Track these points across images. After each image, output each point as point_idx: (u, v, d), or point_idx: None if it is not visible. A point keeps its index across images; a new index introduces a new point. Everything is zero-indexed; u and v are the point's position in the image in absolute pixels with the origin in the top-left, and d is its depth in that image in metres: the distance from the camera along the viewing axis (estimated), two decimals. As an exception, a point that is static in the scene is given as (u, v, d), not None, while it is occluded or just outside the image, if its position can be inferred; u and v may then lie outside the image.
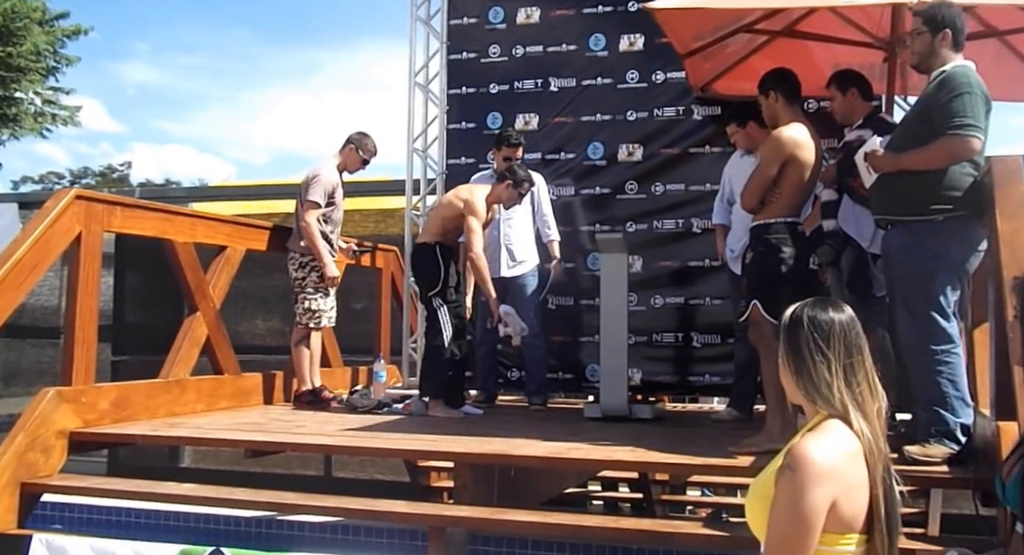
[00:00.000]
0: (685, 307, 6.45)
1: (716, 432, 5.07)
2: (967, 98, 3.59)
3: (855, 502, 1.97)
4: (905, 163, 3.79)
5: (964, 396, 3.69)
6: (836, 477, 1.95)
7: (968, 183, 3.67)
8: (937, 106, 3.70)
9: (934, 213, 3.66)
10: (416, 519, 3.98)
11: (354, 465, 8.74)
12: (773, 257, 4.38)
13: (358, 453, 5.61)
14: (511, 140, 6.20)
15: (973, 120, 3.57)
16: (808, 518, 1.94)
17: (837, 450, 2.00)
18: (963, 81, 3.64)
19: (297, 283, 6.06)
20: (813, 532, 1.94)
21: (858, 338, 2.07)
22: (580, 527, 3.74)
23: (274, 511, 4.22)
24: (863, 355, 2.06)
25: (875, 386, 2.06)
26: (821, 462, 1.95)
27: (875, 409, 2.05)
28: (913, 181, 3.73)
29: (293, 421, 5.33)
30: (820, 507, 1.93)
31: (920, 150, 3.72)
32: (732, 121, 5.66)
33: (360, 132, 6.32)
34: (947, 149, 3.63)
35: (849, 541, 1.98)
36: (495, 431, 4.89)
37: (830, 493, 1.94)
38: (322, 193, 6.03)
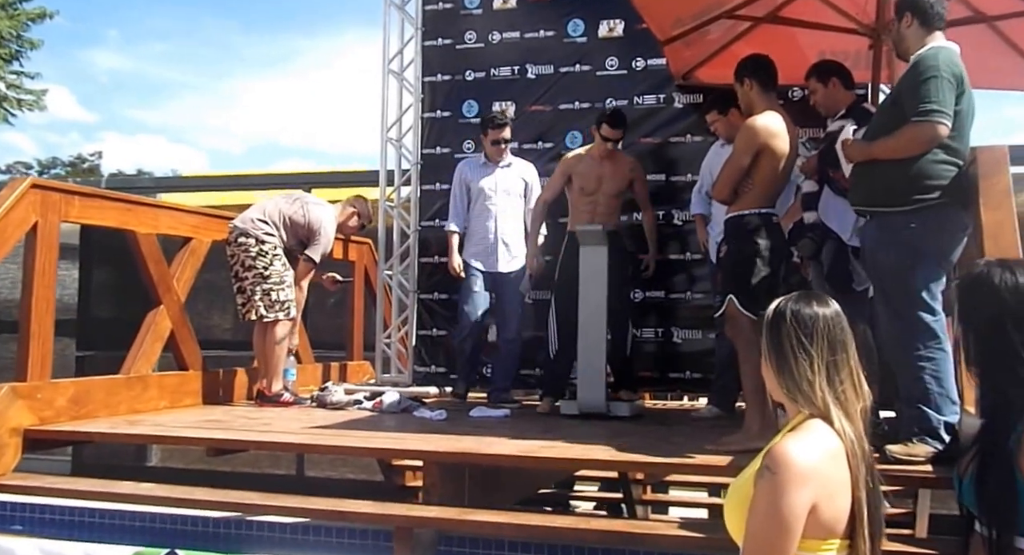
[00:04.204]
0: (666, 301, 6.42)
1: (695, 430, 5.05)
2: (933, 83, 3.52)
3: (837, 505, 1.96)
4: (875, 152, 3.75)
5: (949, 393, 3.65)
6: (817, 479, 1.94)
7: (944, 171, 3.61)
8: (905, 92, 3.67)
9: (910, 203, 3.61)
10: (382, 519, 3.94)
11: (325, 464, 8.70)
12: (748, 250, 4.36)
13: (324, 451, 5.56)
14: (497, 121, 6.18)
15: (938, 105, 3.50)
16: (787, 521, 1.92)
17: (818, 451, 1.98)
18: (930, 65, 3.57)
19: (256, 273, 5.86)
20: (792, 536, 1.92)
21: (843, 334, 2.05)
22: (551, 528, 3.72)
23: (235, 511, 4.18)
24: (848, 353, 2.04)
25: (860, 385, 2.04)
26: (801, 464, 1.93)
27: (859, 408, 2.02)
28: (887, 171, 3.69)
29: (259, 419, 5.29)
30: (800, 510, 1.92)
31: (888, 138, 3.69)
32: (713, 109, 5.65)
33: (361, 197, 6.49)
34: (912, 136, 3.58)
35: (831, 546, 1.96)
36: (467, 429, 4.86)
37: (810, 496, 1.92)
38: (322, 253, 6.06)
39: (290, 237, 6.00)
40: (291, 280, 5.96)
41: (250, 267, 5.86)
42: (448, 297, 6.91)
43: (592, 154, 5.99)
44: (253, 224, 5.90)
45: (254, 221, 5.91)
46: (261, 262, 5.86)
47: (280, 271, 5.89)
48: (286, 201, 6.11)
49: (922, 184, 3.61)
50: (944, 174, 3.62)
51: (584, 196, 5.94)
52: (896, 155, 3.65)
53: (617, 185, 5.93)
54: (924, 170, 3.61)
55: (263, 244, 5.87)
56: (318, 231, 6.00)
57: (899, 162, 3.65)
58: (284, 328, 5.92)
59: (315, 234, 6.00)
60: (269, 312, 5.85)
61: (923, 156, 3.60)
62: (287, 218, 5.98)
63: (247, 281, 5.87)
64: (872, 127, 3.94)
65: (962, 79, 3.61)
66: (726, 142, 5.68)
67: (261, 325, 5.94)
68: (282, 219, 5.97)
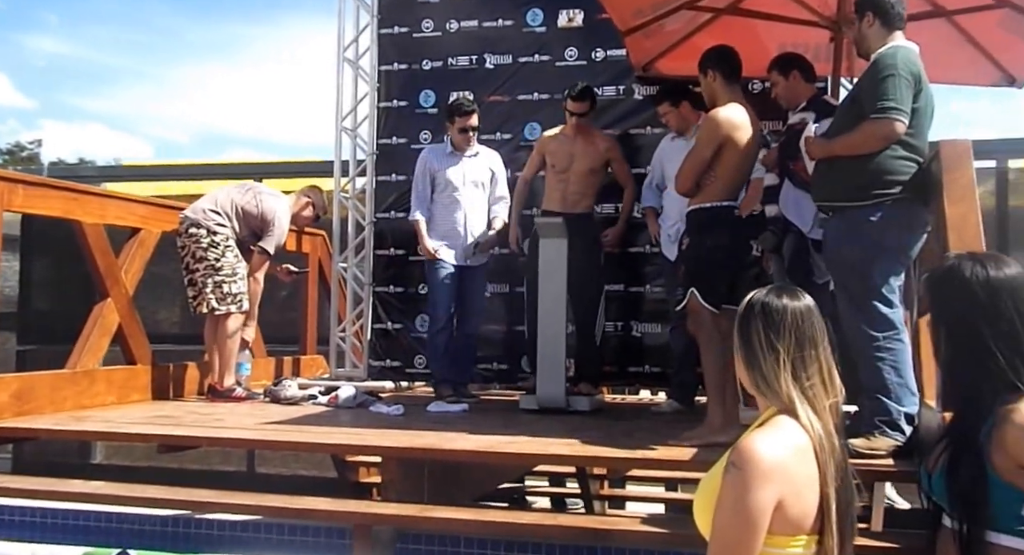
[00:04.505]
0: (625, 295, 6.43)
1: (656, 424, 5.06)
2: (890, 80, 3.59)
3: (804, 501, 1.96)
4: (835, 149, 3.80)
5: (908, 384, 3.70)
6: (783, 475, 1.94)
7: (904, 167, 3.67)
8: (864, 90, 3.73)
9: (871, 198, 3.66)
10: (341, 517, 3.90)
11: (277, 461, 8.61)
12: (710, 243, 4.37)
13: (280, 448, 5.50)
14: (464, 108, 6.03)
15: (895, 103, 3.57)
16: (753, 517, 1.92)
17: (785, 447, 1.97)
18: (889, 63, 3.64)
19: (207, 265, 5.76)
20: (758, 532, 1.92)
21: (812, 329, 2.05)
22: (514, 524, 3.70)
23: (187, 509, 4.11)
24: (817, 348, 2.03)
25: (831, 380, 2.04)
26: (767, 460, 1.93)
27: (829, 404, 2.02)
28: (847, 167, 3.74)
29: (211, 414, 5.20)
30: (765, 506, 1.92)
31: (847, 135, 3.74)
32: (665, 101, 5.66)
33: (316, 188, 6.43)
34: (870, 133, 3.64)
35: (798, 543, 1.96)
36: (426, 424, 4.82)
37: (776, 492, 1.92)
38: (276, 245, 5.98)
39: (243, 228, 5.91)
40: (244, 272, 5.87)
41: (201, 259, 5.77)
42: (404, 290, 6.85)
43: (565, 132, 5.99)
44: (204, 215, 5.80)
45: (205, 211, 5.81)
46: (213, 253, 5.76)
47: (232, 263, 5.80)
48: (239, 191, 6.01)
49: (883, 179, 3.66)
50: (904, 170, 3.67)
51: (556, 174, 5.93)
52: (855, 151, 3.70)
53: (589, 163, 5.91)
54: (884, 166, 3.66)
55: (215, 235, 5.77)
56: (272, 222, 5.91)
57: (859, 158, 3.70)
58: (236, 321, 5.83)
59: (269, 225, 5.92)
60: (221, 305, 5.76)
61: (883, 152, 3.66)
62: (240, 208, 5.89)
63: (198, 273, 5.77)
64: (833, 125, 3.99)
65: (920, 77, 3.67)
66: (676, 135, 5.70)
67: (213, 318, 5.85)
68: (235, 209, 5.88)
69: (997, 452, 2.03)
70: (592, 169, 5.92)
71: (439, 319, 6.03)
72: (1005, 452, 2.02)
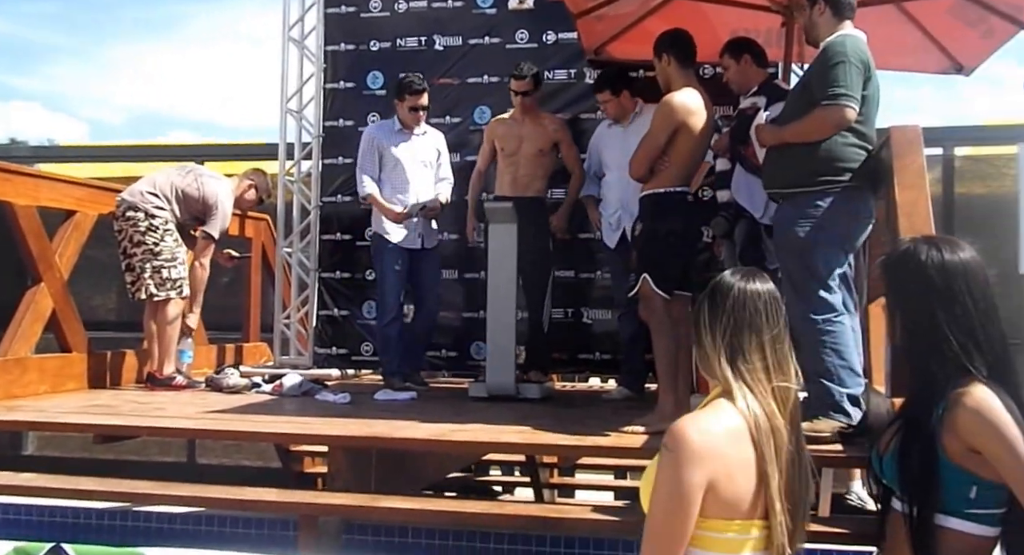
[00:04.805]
0: (575, 281, 6.43)
1: (607, 412, 5.07)
2: (841, 68, 3.62)
3: (738, 484, 1.96)
4: (786, 136, 3.83)
5: (851, 365, 3.71)
6: (713, 457, 1.95)
7: (854, 154, 3.70)
8: (814, 78, 3.76)
9: (819, 185, 3.69)
10: (286, 508, 3.85)
11: (219, 451, 8.51)
12: (663, 229, 4.38)
13: (222, 437, 5.42)
14: (415, 87, 5.90)
15: (846, 89, 3.60)
16: (682, 498, 1.94)
17: (716, 429, 1.99)
18: (839, 50, 3.67)
19: (146, 250, 5.64)
20: (686, 513, 1.94)
21: (755, 312, 2.03)
22: (462, 513, 3.68)
23: (125, 502, 4.03)
24: (761, 332, 2.02)
25: (777, 365, 2.02)
26: (697, 441, 1.95)
27: (773, 388, 2.00)
28: (797, 154, 3.76)
29: (150, 403, 5.09)
30: (693, 488, 1.93)
31: (798, 122, 3.77)
32: (606, 89, 5.62)
33: (259, 171, 6.31)
34: (821, 119, 3.67)
35: (733, 527, 1.96)
36: (373, 412, 4.78)
37: (706, 474, 1.94)
38: (220, 229, 5.86)
39: (183, 211, 5.80)
40: (183, 257, 5.76)
41: (139, 243, 5.65)
42: (351, 276, 6.78)
43: (513, 116, 5.98)
44: (143, 197, 5.68)
45: (144, 194, 5.69)
46: (151, 238, 5.64)
47: (172, 247, 5.69)
48: (179, 173, 5.90)
49: (832, 166, 3.69)
50: (854, 157, 3.70)
51: (506, 158, 5.90)
52: (806, 138, 3.73)
53: (538, 144, 5.88)
54: (834, 153, 3.69)
55: (153, 219, 5.66)
56: (214, 205, 5.81)
57: (810, 145, 3.72)
58: (176, 307, 5.72)
59: (211, 209, 5.81)
60: (160, 290, 5.65)
61: (833, 139, 3.69)
62: (180, 191, 5.78)
63: (136, 258, 5.66)
64: (784, 112, 4.02)
65: (869, 65, 3.72)
66: (613, 122, 5.69)
67: (152, 304, 5.73)
68: (174, 192, 5.76)
69: (948, 435, 2.05)
70: (541, 150, 5.90)
71: (389, 308, 5.90)
72: (956, 435, 2.04)
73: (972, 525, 2.06)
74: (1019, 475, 1.95)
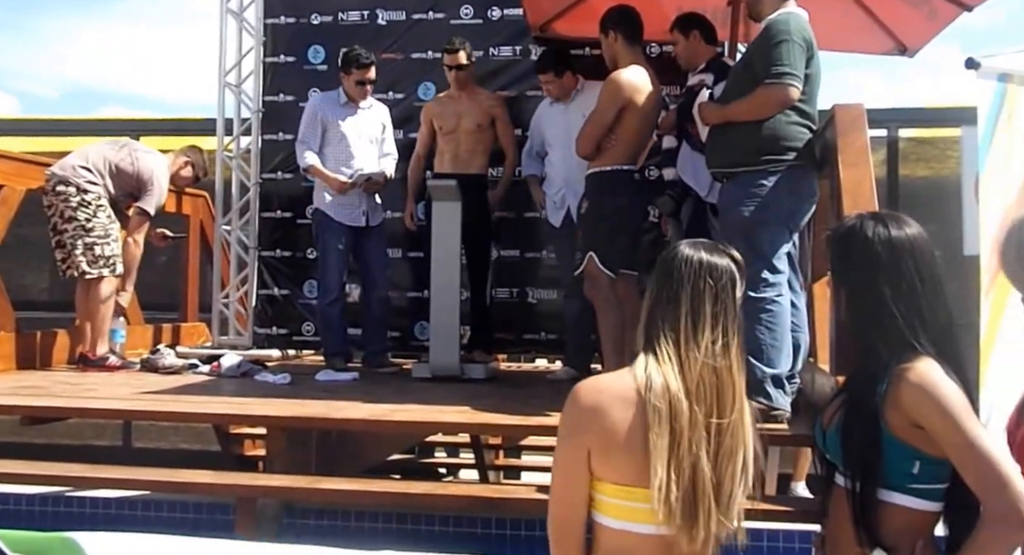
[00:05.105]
0: (520, 261, 6.41)
1: (552, 392, 5.04)
2: (784, 46, 3.62)
3: (621, 448, 1.96)
4: (729, 115, 3.83)
5: (782, 346, 3.69)
6: (597, 418, 1.97)
7: (798, 133, 3.71)
8: (757, 56, 3.76)
9: (763, 164, 3.69)
10: (223, 490, 3.80)
11: (156, 434, 8.36)
12: (609, 207, 4.37)
13: (157, 418, 5.33)
14: (362, 60, 5.81)
15: (789, 68, 3.61)
16: (568, 457, 2.00)
17: (608, 390, 2.02)
18: (781, 29, 3.67)
19: (77, 226, 5.50)
20: (575, 472, 1.98)
21: (679, 281, 2.03)
22: (406, 495, 3.65)
23: (57, 486, 3.94)
24: (679, 301, 2.00)
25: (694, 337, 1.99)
26: (583, 400, 2.00)
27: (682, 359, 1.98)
28: (740, 133, 3.77)
29: (82, 384, 4.99)
30: (579, 447, 1.98)
31: (741, 101, 3.77)
32: (549, 70, 5.56)
33: (195, 147, 6.21)
34: (765, 98, 3.68)
35: (631, 495, 1.96)
36: (314, 393, 4.72)
37: (590, 433, 1.97)
38: (156, 205, 5.73)
39: (116, 187, 5.67)
40: (117, 233, 5.63)
41: (71, 219, 5.50)
42: (292, 255, 6.69)
43: (449, 94, 5.93)
44: (74, 171, 5.53)
45: (75, 168, 5.55)
46: (83, 213, 5.51)
47: (105, 224, 5.56)
48: (112, 148, 5.76)
49: (776, 145, 3.70)
50: (798, 136, 3.72)
51: (445, 135, 5.84)
52: (749, 117, 3.74)
53: (476, 119, 5.82)
54: (778, 131, 3.70)
55: (85, 194, 5.52)
56: (149, 181, 5.68)
57: (753, 124, 3.73)
58: (109, 286, 5.60)
59: (146, 184, 5.68)
60: (92, 268, 5.51)
61: (776, 117, 3.70)
62: (113, 166, 5.65)
63: (67, 234, 5.51)
64: (726, 90, 4.02)
65: (811, 44, 3.73)
66: (554, 100, 5.66)
67: (84, 283, 5.59)
68: (107, 167, 5.63)
69: (891, 410, 2.06)
70: (479, 125, 5.84)
71: (331, 288, 5.82)
72: (899, 410, 2.05)
73: (915, 500, 2.07)
74: (961, 450, 1.97)
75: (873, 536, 2.06)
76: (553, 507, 2.08)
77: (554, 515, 2.08)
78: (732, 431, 1.98)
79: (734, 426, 1.98)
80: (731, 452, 1.97)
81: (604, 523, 2.02)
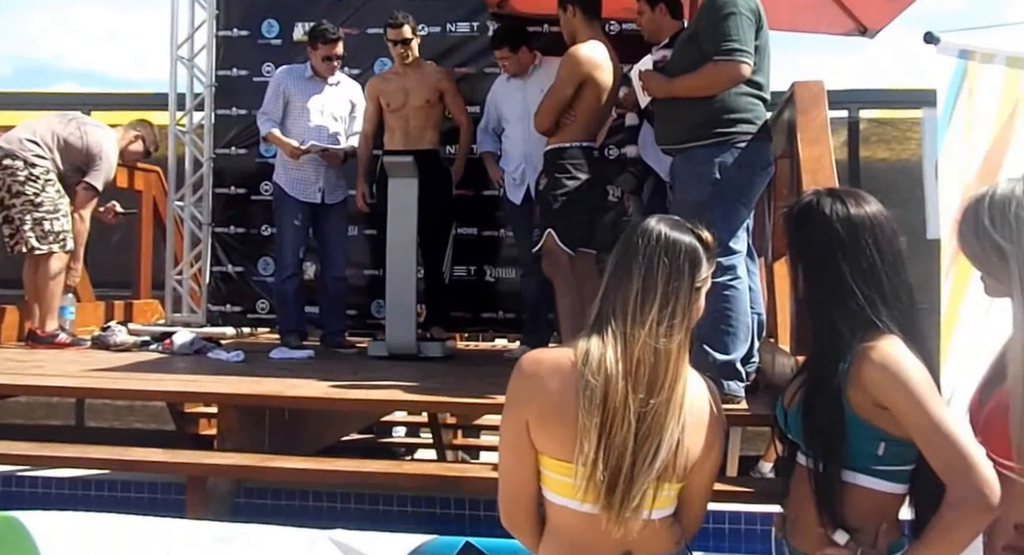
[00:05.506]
0: (478, 239, 6.34)
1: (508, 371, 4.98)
2: (732, 19, 3.50)
3: (552, 421, 1.93)
4: (676, 89, 3.71)
5: (736, 332, 3.59)
6: (533, 388, 1.96)
7: (749, 104, 3.61)
8: (704, 29, 3.62)
9: (712, 137, 3.58)
10: (173, 468, 3.73)
11: (109, 413, 8.22)
12: (568, 184, 4.32)
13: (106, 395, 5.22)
14: (328, 35, 5.68)
15: (739, 43, 3.49)
16: (507, 427, 2.00)
17: (546, 362, 2.01)
18: (728, 1, 3.53)
19: (26, 201, 5.38)
20: (515, 443, 1.98)
21: (632, 255, 1.97)
22: (361, 473, 3.59)
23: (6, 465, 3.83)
24: (631, 276, 1.95)
25: (641, 314, 1.93)
26: (524, 370, 2.00)
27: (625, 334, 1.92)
28: (689, 107, 3.65)
29: (29, 361, 4.87)
30: (516, 418, 1.97)
31: (689, 76, 3.64)
32: (505, 46, 5.47)
33: (145, 122, 6.08)
34: (715, 75, 3.56)
35: (570, 470, 1.91)
36: (268, 371, 4.63)
37: (527, 404, 1.95)
38: (104, 180, 5.58)
39: (64, 162, 5.52)
40: (67, 208, 5.50)
41: (18, 193, 5.37)
42: (246, 231, 6.57)
43: (394, 70, 5.79)
44: (21, 145, 5.39)
45: (22, 142, 5.40)
46: (31, 188, 5.37)
47: (54, 198, 5.43)
48: (60, 121, 5.61)
49: (726, 118, 3.58)
50: (748, 107, 3.62)
51: (393, 113, 5.68)
52: (697, 93, 3.62)
53: (424, 95, 5.67)
54: (728, 104, 3.59)
55: (33, 168, 5.38)
56: (98, 155, 5.54)
57: (703, 99, 3.61)
58: (59, 261, 5.47)
59: (94, 159, 5.54)
60: (42, 244, 5.39)
61: (726, 91, 3.59)
62: (62, 140, 5.50)
63: (15, 209, 5.38)
64: (672, 62, 3.88)
65: (759, 14, 3.60)
66: (511, 76, 5.58)
67: (32, 258, 5.46)
68: (56, 141, 5.48)
69: (854, 390, 2.02)
70: (428, 101, 5.70)
71: (287, 265, 5.74)
72: (863, 390, 2.01)
73: (879, 482, 2.03)
74: (924, 432, 1.93)
75: (836, 518, 2.02)
76: (501, 480, 2.06)
77: (502, 488, 2.05)
78: (655, 414, 1.92)
79: (657, 409, 1.92)
80: (647, 435, 1.91)
81: (548, 498, 2.00)
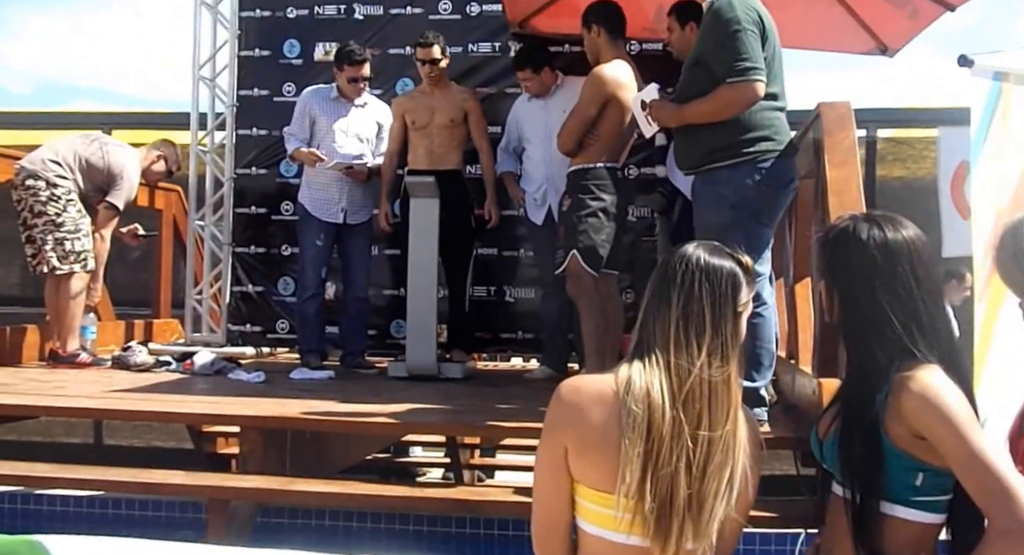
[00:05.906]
0: (498, 259, 6.31)
1: (530, 392, 4.95)
2: (739, 37, 3.37)
3: (593, 450, 1.88)
4: (688, 116, 3.59)
5: (762, 358, 3.52)
6: (574, 417, 1.91)
7: (766, 119, 3.48)
8: (710, 52, 3.50)
9: (737, 157, 3.47)
10: (194, 491, 3.68)
11: (128, 432, 8.19)
12: (592, 204, 4.29)
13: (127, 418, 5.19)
14: (355, 57, 5.64)
15: (751, 61, 3.37)
16: (546, 456, 1.95)
17: (588, 389, 1.94)
18: (730, 17, 3.40)
19: (47, 221, 5.37)
20: (554, 472, 1.93)
21: (670, 282, 1.92)
22: (381, 497, 3.55)
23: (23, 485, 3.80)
24: (671, 304, 1.90)
25: (686, 340, 1.88)
26: (564, 398, 1.94)
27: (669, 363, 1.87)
28: (708, 129, 3.52)
29: (51, 381, 4.84)
30: (556, 446, 1.92)
31: (702, 101, 3.50)
32: (527, 67, 5.44)
33: (168, 141, 6.04)
34: (730, 99, 3.43)
35: (609, 502, 1.86)
36: (288, 392, 4.60)
37: (566, 432, 1.91)
38: (125, 200, 5.58)
39: (86, 182, 5.53)
40: (88, 228, 5.49)
41: (40, 213, 5.36)
42: (266, 251, 6.55)
43: (420, 89, 5.78)
44: (44, 165, 5.39)
45: (45, 162, 5.40)
46: (53, 208, 5.36)
47: (75, 218, 5.42)
48: (82, 142, 5.62)
49: (747, 137, 3.47)
50: (768, 123, 3.51)
51: (418, 131, 5.65)
52: (715, 119, 3.49)
53: (449, 114, 5.64)
54: (746, 123, 3.47)
55: (55, 188, 5.37)
56: (119, 175, 5.54)
57: (717, 123, 3.49)
58: (80, 281, 5.45)
59: (116, 179, 5.54)
60: (63, 264, 5.37)
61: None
62: (83, 160, 5.50)
63: (37, 229, 5.37)
64: (679, 89, 3.74)
65: (762, 22, 3.47)
66: (532, 96, 5.56)
67: (54, 278, 5.44)
68: (77, 161, 5.49)
69: (893, 421, 1.97)
70: (453, 120, 5.66)
71: (308, 285, 5.71)
72: (901, 421, 1.96)
73: (918, 513, 1.98)
74: (964, 463, 1.87)
75: (873, 550, 1.97)
76: (535, 507, 2.02)
77: (536, 514, 2.02)
78: (724, 446, 1.88)
79: (726, 440, 1.88)
80: (720, 468, 1.87)
81: (583, 528, 1.95)
